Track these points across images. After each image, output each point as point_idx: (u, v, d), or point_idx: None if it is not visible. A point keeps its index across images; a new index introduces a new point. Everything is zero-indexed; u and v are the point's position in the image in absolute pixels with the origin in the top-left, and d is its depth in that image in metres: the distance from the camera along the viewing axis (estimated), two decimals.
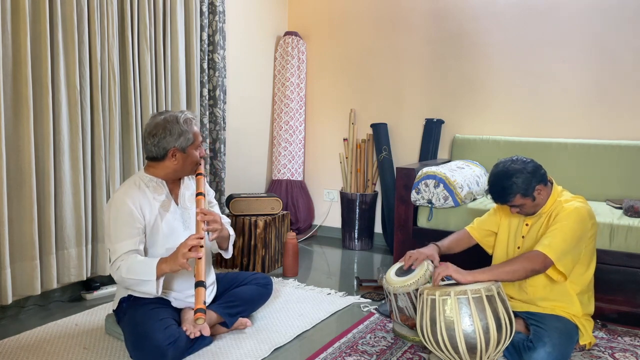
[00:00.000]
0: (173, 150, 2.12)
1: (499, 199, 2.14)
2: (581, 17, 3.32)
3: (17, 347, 2.17)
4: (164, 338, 1.94)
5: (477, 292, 1.83)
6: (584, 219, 2.04)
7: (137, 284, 1.99)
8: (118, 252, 2.03)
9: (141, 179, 2.17)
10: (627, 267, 2.48)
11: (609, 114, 3.29)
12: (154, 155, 2.13)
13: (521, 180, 2.05)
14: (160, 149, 2.11)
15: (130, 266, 1.99)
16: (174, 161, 2.14)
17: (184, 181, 2.28)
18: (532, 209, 2.15)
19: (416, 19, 3.87)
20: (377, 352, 2.18)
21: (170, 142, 2.10)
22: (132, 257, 2.02)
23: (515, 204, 2.12)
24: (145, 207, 2.11)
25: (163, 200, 2.17)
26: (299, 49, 4.21)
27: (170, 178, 2.21)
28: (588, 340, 2.13)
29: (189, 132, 2.13)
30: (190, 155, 2.16)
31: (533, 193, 2.08)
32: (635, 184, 3.05)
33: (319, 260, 3.75)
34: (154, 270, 1.96)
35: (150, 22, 2.99)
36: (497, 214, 2.37)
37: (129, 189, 2.12)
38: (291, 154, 4.23)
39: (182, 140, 2.11)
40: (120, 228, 2.05)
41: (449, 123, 3.78)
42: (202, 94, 3.41)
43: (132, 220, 2.06)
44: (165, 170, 2.17)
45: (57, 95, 2.56)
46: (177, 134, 2.10)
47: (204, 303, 1.85)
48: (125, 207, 2.06)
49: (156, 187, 2.17)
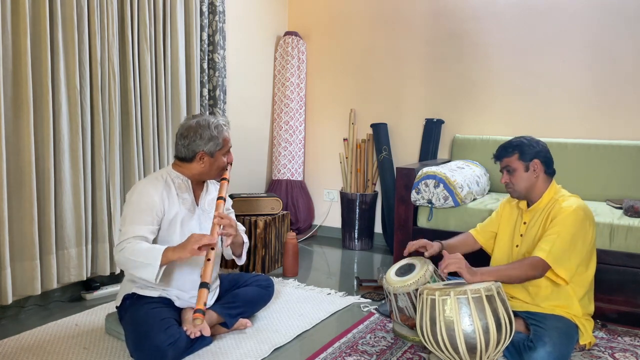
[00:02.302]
0: (201, 153, 2.16)
1: (500, 151, 2.20)
2: (581, 17, 3.32)
3: (17, 347, 2.17)
4: (165, 339, 1.94)
5: (476, 292, 1.82)
6: (582, 220, 2.05)
7: (138, 266, 1.98)
8: (127, 235, 2.03)
9: (169, 174, 2.21)
10: (627, 267, 2.48)
11: (609, 114, 3.29)
12: (182, 155, 2.19)
13: (526, 145, 2.15)
14: (190, 151, 2.16)
15: (135, 248, 1.99)
16: (201, 164, 2.18)
17: (207, 185, 2.32)
18: (522, 187, 2.15)
19: (416, 19, 3.87)
20: (377, 352, 2.18)
21: (200, 146, 2.15)
22: (139, 242, 2.02)
23: (510, 165, 2.16)
24: (168, 201, 2.14)
25: (185, 199, 2.20)
26: (299, 49, 4.21)
27: (196, 179, 2.25)
28: (588, 340, 2.13)
29: (219, 138, 2.17)
30: (217, 160, 2.20)
31: (529, 162, 2.13)
32: (635, 184, 3.05)
33: (319, 260, 3.75)
34: (159, 255, 1.96)
35: (150, 22, 2.99)
36: (497, 215, 2.39)
37: (156, 180, 2.16)
38: (291, 154, 4.23)
39: (212, 145, 2.16)
40: (137, 213, 2.07)
41: (449, 123, 3.78)
42: (202, 94, 3.41)
43: (151, 210, 2.08)
44: (192, 171, 2.21)
45: (57, 95, 2.56)
46: (207, 138, 2.14)
47: (204, 305, 1.85)
48: (147, 196, 2.09)
49: (181, 185, 2.20)
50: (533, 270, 1.99)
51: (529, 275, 2.00)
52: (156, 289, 2.14)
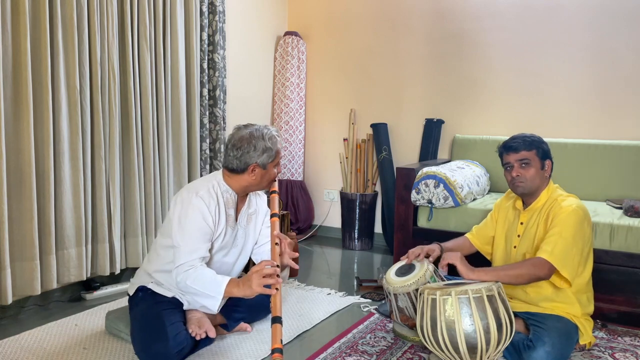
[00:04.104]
0: (254, 165, 2.10)
1: (517, 144, 2.14)
2: (581, 17, 3.32)
3: (17, 347, 2.17)
4: (173, 345, 1.95)
5: (478, 292, 1.82)
6: (582, 221, 2.05)
7: (199, 295, 1.97)
8: (191, 256, 2.01)
9: (219, 187, 2.15)
10: (627, 267, 2.48)
11: (609, 114, 3.29)
12: (234, 167, 2.12)
13: (544, 144, 2.17)
14: (242, 163, 2.10)
15: (198, 276, 1.97)
16: (253, 176, 2.13)
17: (249, 199, 2.28)
18: (533, 183, 2.12)
19: (416, 19, 3.87)
20: (377, 352, 2.18)
21: (253, 158, 2.09)
22: (202, 267, 2.00)
23: (528, 159, 2.11)
24: (218, 221, 2.10)
25: (229, 215, 2.17)
26: (299, 49, 4.21)
27: (242, 192, 2.20)
28: (588, 340, 2.13)
29: (273, 150, 2.11)
30: (269, 172, 2.15)
31: (545, 161, 2.14)
32: (635, 184, 3.05)
33: (319, 260, 3.75)
34: (222, 289, 1.94)
35: (150, 22, 2.99)
36: (492, 219, 2.38)
37: (209, 197, 2.09)
38: (291, 154, 4.23)
39: (265, 157, 2.10)
40: (196, 232, 2.03)
41: (449, 123, 3.78)
42: (202, 94, 3.41)
43: (207, 227, 2.06)
44: (241, 183, 2.15)
45: (57, 96, 2.56)
46: (261, 149, 2.08)
47: (280, 342, 1.72)
48: (204, 214, 2.04)
49: (228, 200, 2.16)
50: (536, 270, 1.97)
51: (533, 274, 1.98)
52: (172, 290, 2.14)
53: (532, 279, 2.00)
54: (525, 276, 1.98)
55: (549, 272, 1.98)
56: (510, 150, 2.16)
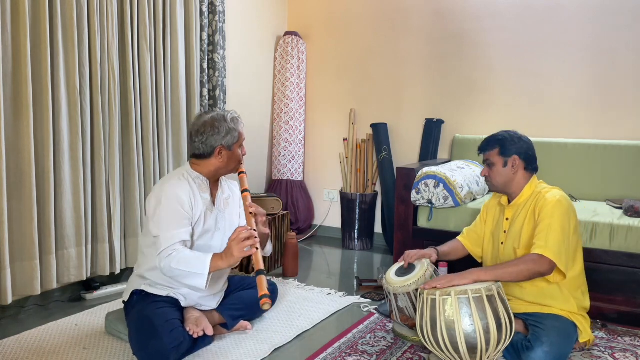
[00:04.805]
0: (220, 148, 2.16)
1: (483, 144, 2.24)
2: (581, 17, 3.32)
3: (17, 347, 2.17)
4: (169, 341, 1.95)
5: (477, 292, 1.83)
6: (568, 211, 2.05)
7: (185, 275, 1.98)
8: (171, 240, 2.02)
9: (189, 174, 2.19)
10: (627, 267, 2.48)
11: (609, 114, 3.29)
12: (200, 152, 2.17)
13: (508, 140, 2.18)
14: (208, 147, 2.15)
15: (181, 258, 1.99)
16: (220, 159, 2.18)
17: (222, 184, 2.31)
18: (498, 181, 2.19)
19: (416, 19, 3.87)
20: (377, 352, 2.18)
21: (218, 140, 2.15)
22: (183, 249, 2.03)
23: (490, 159, 2.20)
24: (194, 202, 2.13)
25: (205, 199, 2.19)
26: (299, 49, 4.21)
27: (212, 177, 2.24)
28: (587, 337, 2.12)
29: (236, 130, 2.18)
30: (235, 153, 2.21)
31: (508, 158, 2.16)
32: (635, 184, 3.05)
33: (319, 260, 3.75)
34: (207, 264, 1.96)
35: (150, 22, 2.99)
36: (482, 218, 2.40)
37: (180, 182, 2.14)
38: (291, 154, 4.23)
39: (229, 138, 2.17)
40: (173, 217, 2.06)
41: (449, 123, 3.78)
42: (202, 94, 3.41)
43: (184, 212, 2.08)
44: (209, 167, 2.20)
45: (57, 96, 2.56)
46: (224, 131, 2.15)
47: (266, 289, 1.85)
48: (178, 198, 2.08)
49: (201, 185, 2.20)
50: (536, 266, 1.95)
51: (533, 270, 1.96)
52: (165, 288, 2.15)
53: (533, 275, 1.98)
54: (525, 272, 1.96)
55: (549, 267, 1.96)
56: (479, 152, 2.28)
